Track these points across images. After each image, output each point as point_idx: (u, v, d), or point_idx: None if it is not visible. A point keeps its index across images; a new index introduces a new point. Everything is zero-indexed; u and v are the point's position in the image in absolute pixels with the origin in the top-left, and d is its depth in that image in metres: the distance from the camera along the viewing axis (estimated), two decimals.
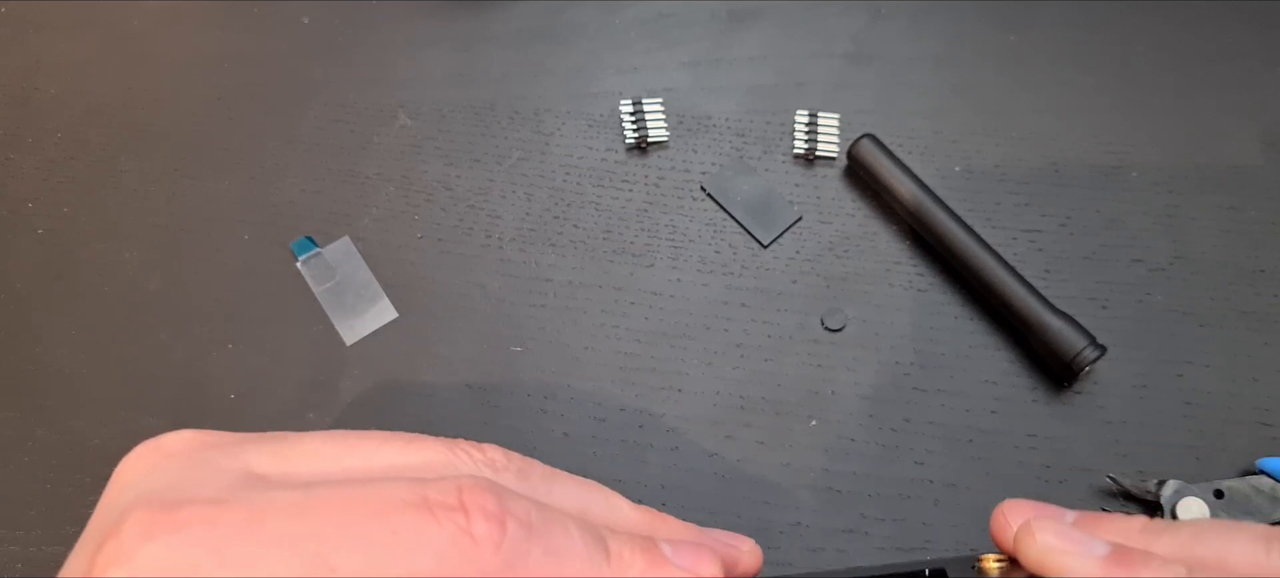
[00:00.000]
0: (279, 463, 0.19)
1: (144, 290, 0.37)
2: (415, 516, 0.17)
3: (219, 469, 0.18)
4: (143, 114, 0.41)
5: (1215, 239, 0.36)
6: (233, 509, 0.17)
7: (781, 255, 0.36)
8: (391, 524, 0.17)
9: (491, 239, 0.37)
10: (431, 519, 0.17)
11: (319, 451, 0.19)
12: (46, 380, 0.35)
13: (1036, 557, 0.20)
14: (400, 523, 0.17)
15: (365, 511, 0.17)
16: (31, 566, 0.32)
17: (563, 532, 0.18)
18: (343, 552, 0.16)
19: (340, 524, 0.16)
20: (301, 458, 0.19)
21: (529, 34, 0.42)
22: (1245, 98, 0.39)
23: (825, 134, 0.38)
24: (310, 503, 0.17)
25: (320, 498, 0.17)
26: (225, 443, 0.19)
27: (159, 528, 0.16)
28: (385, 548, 0.16)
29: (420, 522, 0.17)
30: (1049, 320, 0.33)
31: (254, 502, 0.17)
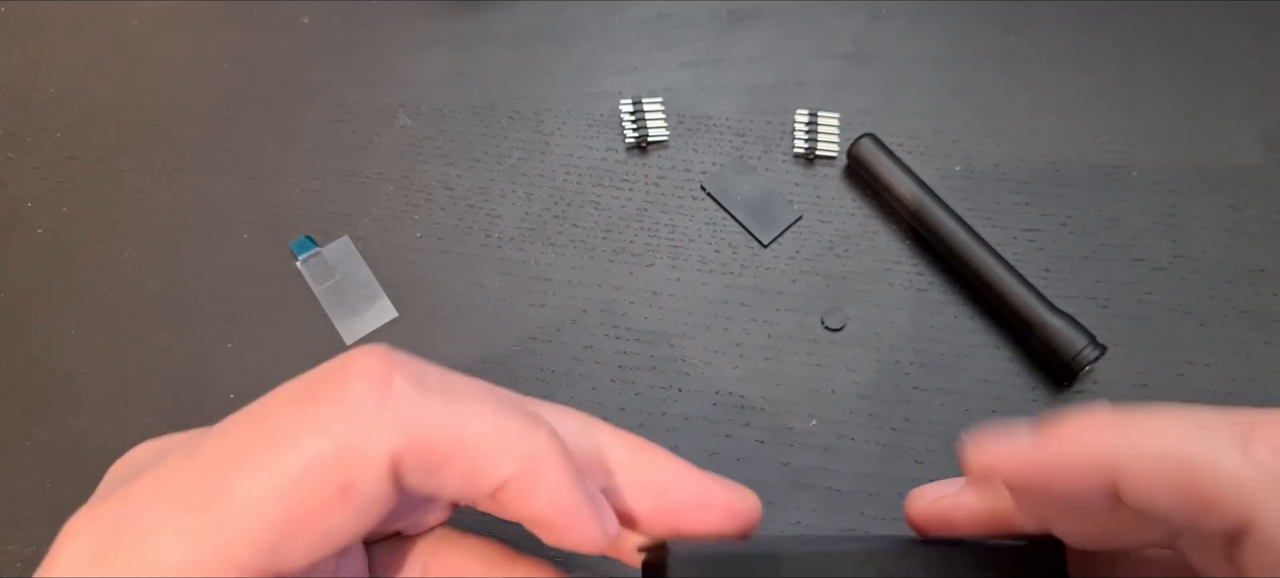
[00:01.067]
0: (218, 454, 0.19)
1: (143, 290, 0.37)
2: (295, 407, 0.16)
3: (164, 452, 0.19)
4: (143, 114, 0.41)
5: (1215, 239, 0.36)
6: (145, 481, 0.17)
7: (781, 255, 0.36)
8: (273, 425, 0.16)
9: (491, 239, 0.37)
10: (310, 402, 0.16)
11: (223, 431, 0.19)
12: (46, 380, 0.35)
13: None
14: (280, 421, 0.16)
15: (248, 426, 0.17)
16: (31, 565, 0.32)
17: (465, 386, 0.17)
18: (233, 474, 0.16)
19: (227, 451, 0.16)
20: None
21: (529, 34, 0.42)
22: (1245, 97, 0.39)
23: (825, 134, 0.38)
24: (201, 443, 0.17)
25: (210, 432, 0.17)
26: (193, 433, 0.19)
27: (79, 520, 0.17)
28: (272, 450, 0.16)
29: (299, 410, 0.16)
30: (1049, 320, 0.33)
31: (165, 465, 0.17)
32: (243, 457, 0.16)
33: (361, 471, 0.16)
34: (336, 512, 0.16)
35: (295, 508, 0.16)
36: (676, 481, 0.19)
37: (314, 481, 0.16)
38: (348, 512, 0.16)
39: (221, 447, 0.16)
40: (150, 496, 0.16)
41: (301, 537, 0.16)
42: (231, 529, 0.16)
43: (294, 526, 0.16)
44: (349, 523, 0.16)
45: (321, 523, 0.16)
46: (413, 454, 0.16)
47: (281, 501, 0.16)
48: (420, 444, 0.16)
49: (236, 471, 0.16)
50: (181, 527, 0.16)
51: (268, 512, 0.16)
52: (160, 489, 0.16)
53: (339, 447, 0.16)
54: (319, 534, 0.16)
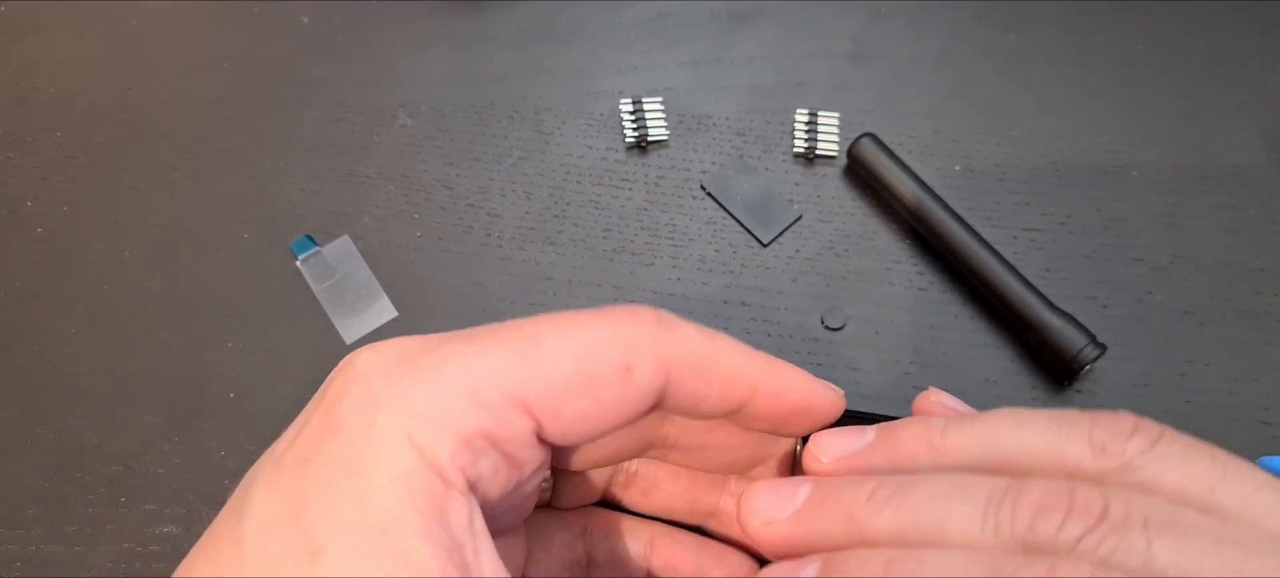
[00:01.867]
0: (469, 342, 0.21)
1: (144, 289, 0.37)
2: (588, 312, 0.20)
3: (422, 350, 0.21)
4: (143, 114, 0.41)
5: (1215, 238, 0.36)
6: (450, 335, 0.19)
7: (781, 254, 0.36)
8: (572, 316, 0.20)
9: (491, 238, 0.37)
10: (600, 311, 0.20)
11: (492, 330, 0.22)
12: (46, 379, 0.35)
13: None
14: (578, 315, 0.19)
15: (549, 316, 0.19)
16: (31, 565, 0.32)
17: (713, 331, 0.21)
18: (540, 332, 0.19)
19: (533, 324, 0.19)
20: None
21: (529, 34, 0.42)
22: (1245, 97, 0.39)
23: (825, 133, 0.38)
24: (504, 323, 0.20)
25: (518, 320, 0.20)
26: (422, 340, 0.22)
27: (375, 349, 0.19)
28: (572, 325, 0.19)
29: (593, 313, 0.20)
30: (1049, 319, 0.33)
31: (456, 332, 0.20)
32: (549, 325, 0.19)
33: (641, 357, 0.19)
34: (615, 386, 0.19)
35: (586, 368, 0.18)
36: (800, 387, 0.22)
37: (605, 352, 0.19)
38: (625, 389, 0.19)
39: (528, 322, 0.19)
40: (462, 338, 0.19)
41: (581, 398, 0.18)
42: (531, 366, 0.18)
43: (580, 383, 0.18)
44: (623, 402, 0.19)
45: (602, 392, 0.19)
46: (681, 362, 0.19)
47: (577, 359, 0.18)
48: (687, 355, 0.20)
49: (543, 331, 0.19)
50: (487, 352, 0.18)
51: (565, 364, 0.18)
52: (473, 334, 0.19)
53: (626, 337, 0.19)
54: (596, 402, 0.19)
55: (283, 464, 0.18)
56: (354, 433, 0.17)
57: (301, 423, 0.19)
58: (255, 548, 0.17)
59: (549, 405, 0.18)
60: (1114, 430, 0.19)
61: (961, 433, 0.20)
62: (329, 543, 0.16)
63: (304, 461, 0.18)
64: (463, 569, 0.16)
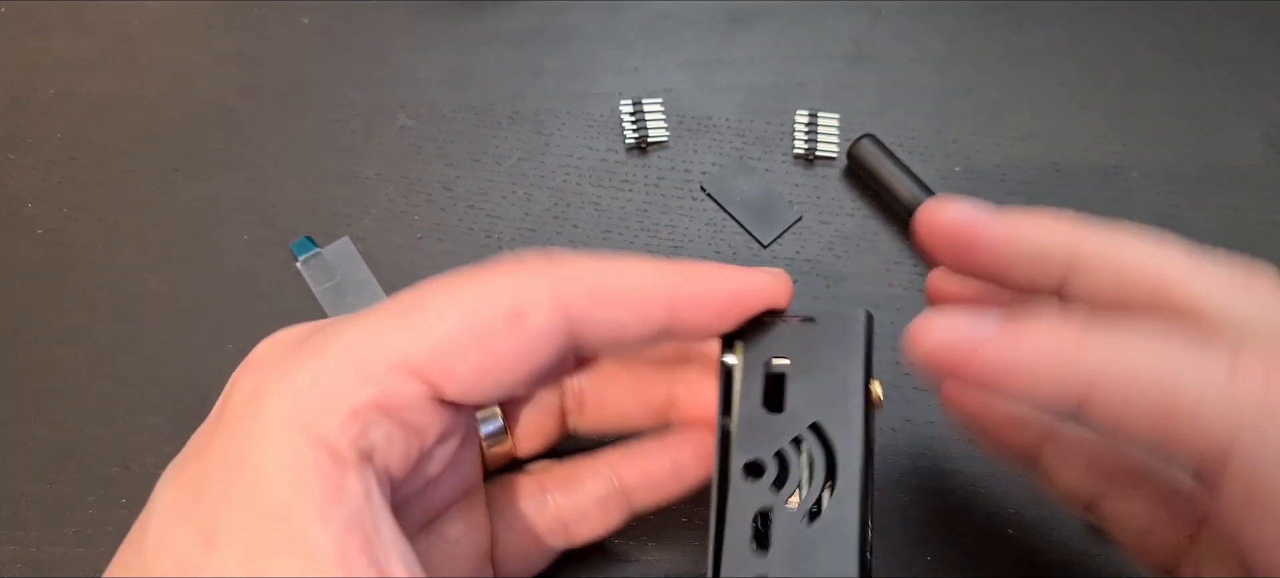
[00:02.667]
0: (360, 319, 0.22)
1: (144, 290, 0.37)
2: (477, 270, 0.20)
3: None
4: (143, 114, 0.41)
5: (1215, 240, 0.36)
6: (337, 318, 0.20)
7: (781, 255, 0.36)
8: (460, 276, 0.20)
9: (491, 239, 0.37)
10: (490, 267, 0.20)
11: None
12: (46, 380, 0.35)
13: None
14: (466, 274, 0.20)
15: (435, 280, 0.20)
16: (31, 566, 0.32)
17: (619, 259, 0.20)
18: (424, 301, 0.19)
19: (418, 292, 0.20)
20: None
21: (529, 34, 0.42)
22: (1246, 99, 0.39)
23: (825, 134, 0.38)
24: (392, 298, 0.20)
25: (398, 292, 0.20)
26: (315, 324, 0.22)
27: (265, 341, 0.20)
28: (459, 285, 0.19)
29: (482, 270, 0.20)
30: None
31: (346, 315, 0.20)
32: (435, 288, 0.19)
33: (532, 299, 0.19)
34: (508, 335, 0.18)
35: (473, 323, 0.18)
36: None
37: (491, 302, 0.19)
38: (520, 337, 0.18)
39: (413, 292, 0.19)
40: (351, 317, 0.19)
41: (473, 353, 0.18)
42: (416, 333, 0.18)
43: (469, 339, 0.18)
44: (520, 350, 0.19)
45: (494, 343, 0.18)
46: (580, 295, 0.19)
47: (462, 315, 0.18)
48: (586, 287, 0.19)
49: (427, 298, 0.19)
50: (369, 325, 0.18)
51: (449, 322, 0.18)
52: (361, 312, 0.19)
53: (515, 281, 0.19)
54: (489, 355, 0.18)
55: (184, 460, 0.18)
56: (245, 422, 0.18)
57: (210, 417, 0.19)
58: (155, 541, 0.17)
59: (440, 367, 0.18)
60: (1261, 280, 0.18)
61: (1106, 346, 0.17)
62: (223, 531, 0.16)
63: (201, 452, 0.18)
64: (363, 546, 0.16)
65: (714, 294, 0.20)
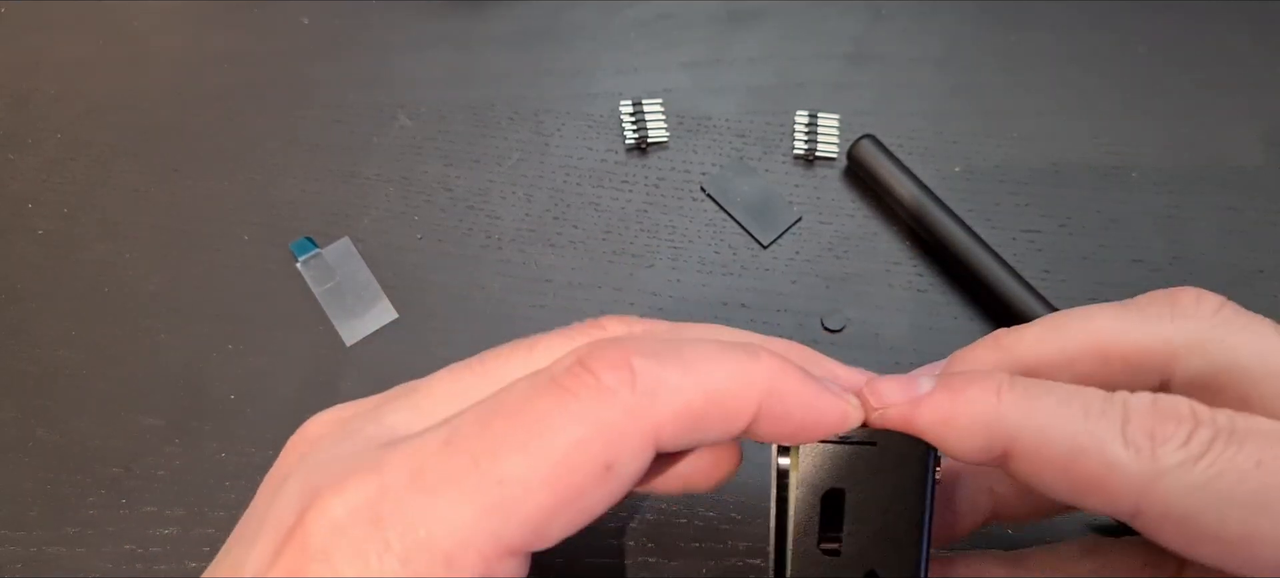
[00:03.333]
0: (418, 417, 0.20)
1: (144, 291, 0.37)
2: (551, 399, 0.17)
3: (367, 437, 0.19)
4: (143, 114, 0.41)
5: (1215, 240, 0.36)
6: (392, 466, 0.17)
7: (781, 256, 0.36)
8: (534, 415, 0.17)
9: (491, 240, 0.37)
10: (565, 393, 0.17)
11: (450, 390, 0.20)
12: (46, 381, 0.35)
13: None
14: (540, 411, 0.17)
15: (507, 417, 0.17)
16: (31, 566, 0.32)
17: (693, 346, 0.18)
18: (501, 460, 0.17)
19: (491, 440, 0.17)
20: (437, 404, 0.20)
21: (529, 34, 0.42)
22: (1245, 98, 0.39)
23: (825, 135, 0.38)
24: (457, 434, 0.17)
25: (463, 422, 0.18)
26: (364, 410, 0.20)
27: (349, 484, 0.17)
28: (537, 437, 0.17)
29: (557, 401, 0.17)
30: None
31: (409, 451, 0.18)
32: (508, 444, 0.17)
33: (622, 449, 0.17)
34: (598, 489, 0.17)
35: (563, 490, 0.17)
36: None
37: (580, 462, 0.17)
38: (609, 488, 0.17)
39: (485, 435, 0.17)
40: (409, 479, 0.17)
41: (564, 514, 0.17)
42: (503, 514, 0.17)
43: (560, 506, 0.17)
44: (608, 498, 0.17)
45: (584, 501, 0.17)
46: (672, 425, 0.18)
47: (551, 485, 0.17)
48: (677, 414, 0.17)
49: (505, 456, 0.17)
50: (452, 511, 0.17)
51: (537, 495, 0.17)
52: (422, 474, 0.17)
53: (601, 430, 0.17)
54: (579, 511, 0.17)
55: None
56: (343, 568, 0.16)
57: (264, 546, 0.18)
58: None
59: (533, 537, 0.17)
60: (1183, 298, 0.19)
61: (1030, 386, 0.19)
62: None
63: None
64: None
65: (791, 414, 0.19)
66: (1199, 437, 0.17)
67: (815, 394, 0.19)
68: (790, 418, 0.19)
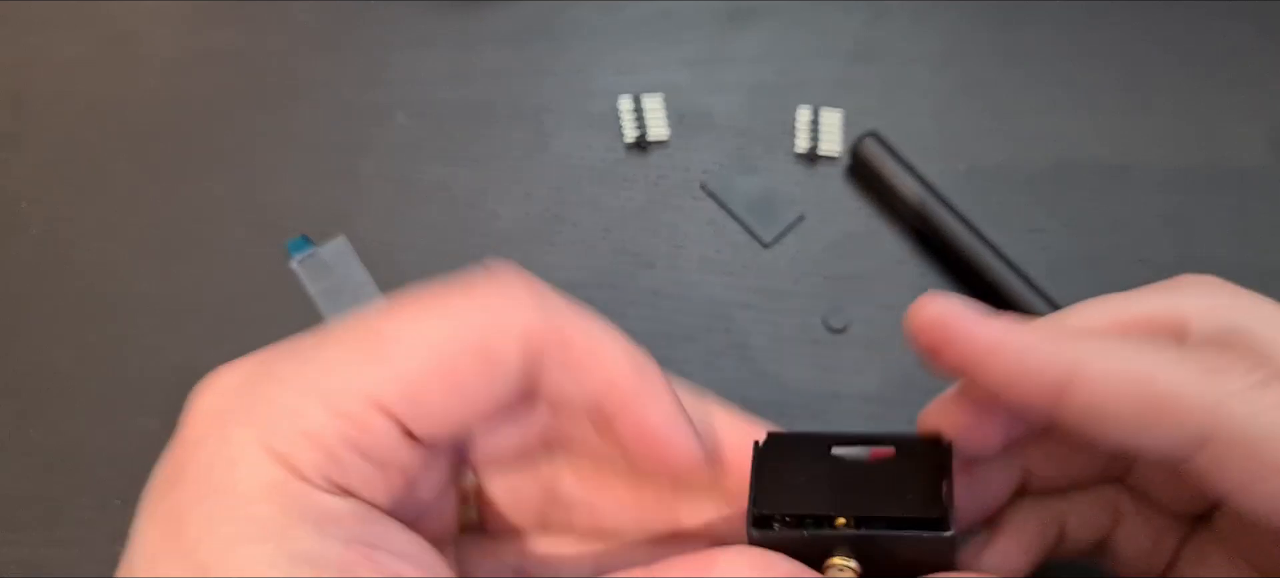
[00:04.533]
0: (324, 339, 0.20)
1: (139, 290, 0.37)
2: (453, 289, 0.19)
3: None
4: (138, 113, 0.41)
5: (1222, 240, 0.36)
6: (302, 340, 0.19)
7: (783, 255, 0.36)
8: (432, 296, 0.18)
9: (490, 238, 0.37)
10: (467, 284, 0.19)
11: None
12: (40, 382, 0.35)
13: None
14: (440, 294, 0.18)
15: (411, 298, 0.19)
16: (26, 567, 0.32)
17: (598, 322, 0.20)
18: (392, 321, 0.18)
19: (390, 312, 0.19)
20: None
21: (528, 32, 0.42)
22: (1253, 97, 0.39)
23: (828, 132, 0.38)
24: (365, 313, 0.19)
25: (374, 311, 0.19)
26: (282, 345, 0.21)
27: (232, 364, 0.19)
28: (432, 308, 0.18)
29: (458, 285, 0.19)
30: None
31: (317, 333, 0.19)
32: (406, 315, 0.18)
33: (503, 338, 0.18)
34: (477, 375, 0.18)
35: (444, 360, 0.17)
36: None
37: (464, 338, 0.18)
38: (486, 376, 0.18)
39: (387, 310, 0.18)
40: (317, 342, 0.18)
41: (441, 392, 0.18)
42: (385, 368, 0.17)
43: (439, 377, 0.17)
44: (484, 389, 0.18)
45: (463, 381, 0.18)
46: (547, 337, 0.18)
47: (433, 351, 0.17)
48: (554, 330, 0.18)
49: (395, 319, 0.18)
50: (336, 358, 0.18)
51: (420, 358, 0.17)
52: (327, 336, 0.18)
53: (489, 316, 0.18)
54: (457, 394, 0.18)
55: (158, 491, 0.18)
56: (213, 449, 0.17)
57: (171, 444, 0.18)
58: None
59: (408, 404, 0.17)
60: None
61: None
62: (215, 563, 0.16)
63: (174, 482, 0.17)
64: (368, 552, 0.16)
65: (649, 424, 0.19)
66: (1263, 369, 0.17)
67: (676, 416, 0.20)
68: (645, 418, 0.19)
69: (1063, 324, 0.20)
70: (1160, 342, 0.18)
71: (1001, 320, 0.19)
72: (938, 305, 0.19)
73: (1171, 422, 0.17)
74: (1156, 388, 0.17)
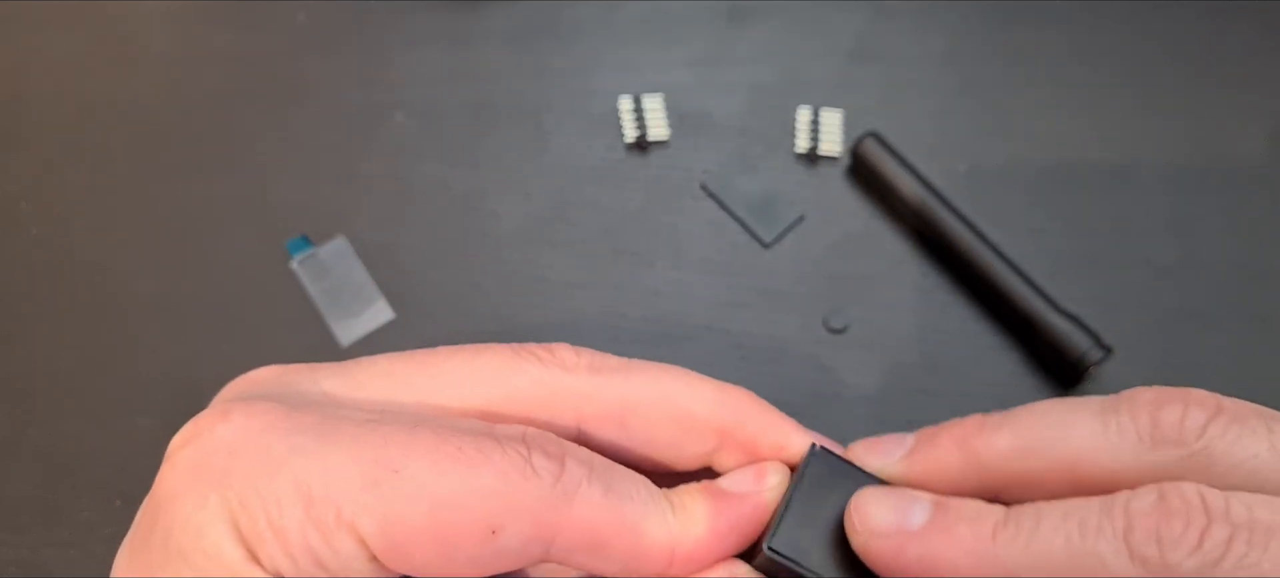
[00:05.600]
0: (351, 388, 0.19)
1: (138, 291, 0.37)
2: (480, 447, 0.17)
3: (299, 390, 0.19)
4: (137, 113, 0.41)
5: (1223, 239, 0.36)
6: (307, 413, 0.17)
7: (783, 255, 0.36)
8: (457, 447, 0.17)
9: (489, 239, 0.37)
10: (495, 449, 0.17)
11: (388, 370, 0.20)
12: (40, 383, 0.35)
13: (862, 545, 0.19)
14: (466, 449, 0.17)
15: (437, 437, 0.17)
16: (26, 568, 0.32)
17: (624, 477, 0.18)
18: (410, 458, 0.17)
19: (412, 442, 0.17)
20: (372, 380, 0.20)
21: (527, 32, 0.42)
22: (1254, 97, 0.38)
23: (828, 132, 0.38)
24: (380, 423, 0.17)
25: (399, 421, 0.18)
26: (302, 371, 0.20)
27: (236, 412, 0.17)
28: (451, 462, 0.17)
29: (484, 450, 0.17)
30: (1055, 321, 0.32)
31: (327, 413, 0.18)
32: (423, 453, 0.17)
33: (514, 524, 0.17)
34: (474, 545, 0.17)
35: (440, 523, 0.17)
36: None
37: (473, 506, 0.17)
38: (483, 552, 0.17)
39: (410, 437, 0.17)
40: (324, 431, 0.17)
41: (431, 544, 0.17)
42: (379, 497, 0.16)
43: (432, 532, 0.17)
44: (478, 560, 0.17)
45: (455, 546, 0.17)
46: (571, 533, 0.17)
47: (436, 508, 0.16)
48: (579, 525, 0.17)
49: (414, 457, 0.17)
50: (338, 463, 0.17)
51: (419, 505, 0.16)
52: (338, 428, 0.17)
53: (504, 494, 0.17)
54: (445, 552, 0.17)
55: (133, 544, 0.18)
56: (184, 512, 0.17)
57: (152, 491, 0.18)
58: None
59: (387, 545, 0.16)
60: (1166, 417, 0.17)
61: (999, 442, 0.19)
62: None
63: (145, 539, 0.17)
64: None
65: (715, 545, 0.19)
66: (1214, 535, 0.15)
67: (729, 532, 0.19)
68: (703, 563, 0.19)
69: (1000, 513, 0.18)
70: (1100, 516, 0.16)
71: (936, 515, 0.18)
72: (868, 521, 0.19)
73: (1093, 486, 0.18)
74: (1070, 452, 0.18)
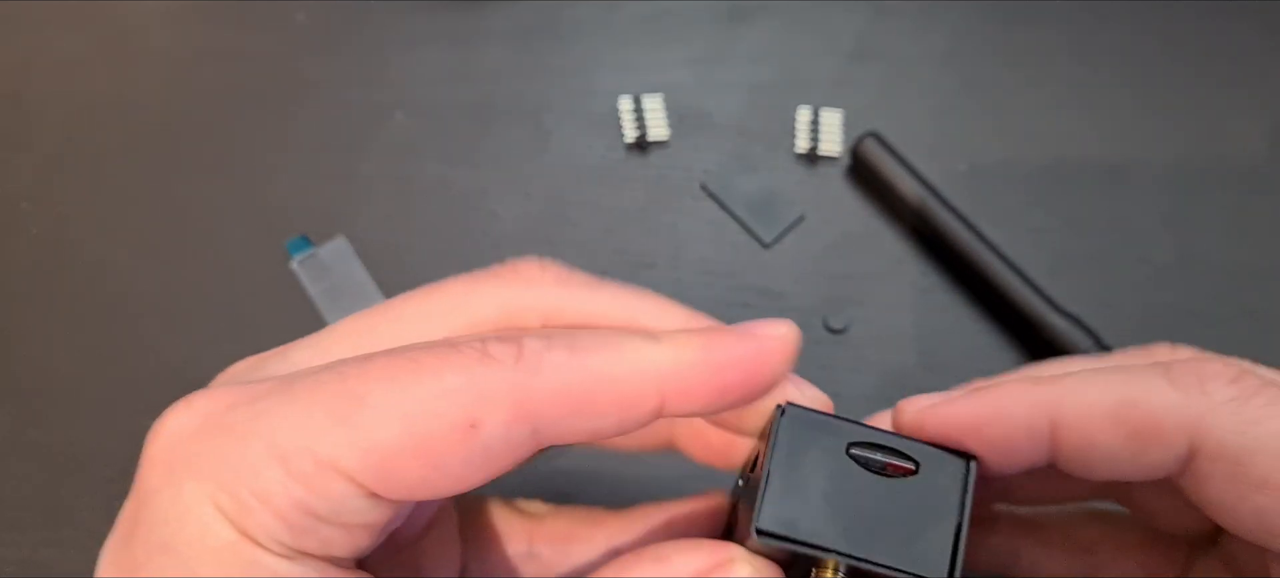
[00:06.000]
0: (321, 355, 0.19)
1: (138, 291, 0.37)
2: (436, 353, 0.17)
3: (269, 371, 0.19)
4: (137, 113, 0.41)
5: (1222, 239, 0.36)
6: (266, 383, 0.17)
7: (783, 255, 0.36)
8: (414, 359, 0.17)
9: (490, 239, 0.37)
10: (451, 350, 0.17)
11: (353, 328, 0.20)
12: (40, 382, 0.35)
13: None
14: (422, 359, 0.17)
15: (390, 358, 0.17)
16: (26, 568, 0.32)
17: (589, 333, 0.18)
18: (369, 385, 0.16)
19: (367, 371, 0.17)
20: (340, 342, 0.20)
21: (527, 31, 0.42)
22: (1253, 96, 0.38)
23: (828, 132, 0.38)
24: (340, 364, 0.17)
25: (350, 360, 0.17)
26: (275, 353, 0.20)
27: (197, 399, 0.17)
28: (411, 375, 0.16)
29: (441, 355, 0.17)
30: (1054, 320, 0.32)
31: (284, 377, 0.17)
32: (381, 376, 0.16)
33: (491, 413, 0.16)
34: (458, 446, 0.16)
35: (417, 432, 0.16)
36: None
37: (445, 410, 0.16)
38: (470, 450, 0.16)
39: (364, 368, 0.17)
40: (282, 389, 0.17)
41: (416, 460, 0.16)
42: (352, 431, 0.16)
43: (413, 447, 0.16)
44: (468, 462, 0.17)
45: (440, 454, 0.16)
46: (553, 404, 0.17)
47: (409, 421, 0.16)
48: (558, 394, 0.17)
49: (373, 383, 0.16)
50: (304, 414, 0.16)
51: (393, 427, 0.16)
52: (294, 384, 0.17)
53: (473, 386, 0.16)
54: (434, 464, 0.16)
55: (116, 543, 0.17)
56: (166, 505, 0.16)
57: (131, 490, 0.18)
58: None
59: (374, 473, 0.16)
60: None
61: None
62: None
63: (128, 537, 0.17)
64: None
65: (723, 369, 0.18)
66: (1247, 381, 0.17)
67: (742, 338, 0.19)
68: (700, 400, 0.18)
69: (1036, 373, 0.19)
70: (1137, 366, 0.18)
71: (974, 392, 0.19)
72: (912, 407, 0.19)
73: (1156, 441, 0.17)
74: (1137, 413, 0.17)
